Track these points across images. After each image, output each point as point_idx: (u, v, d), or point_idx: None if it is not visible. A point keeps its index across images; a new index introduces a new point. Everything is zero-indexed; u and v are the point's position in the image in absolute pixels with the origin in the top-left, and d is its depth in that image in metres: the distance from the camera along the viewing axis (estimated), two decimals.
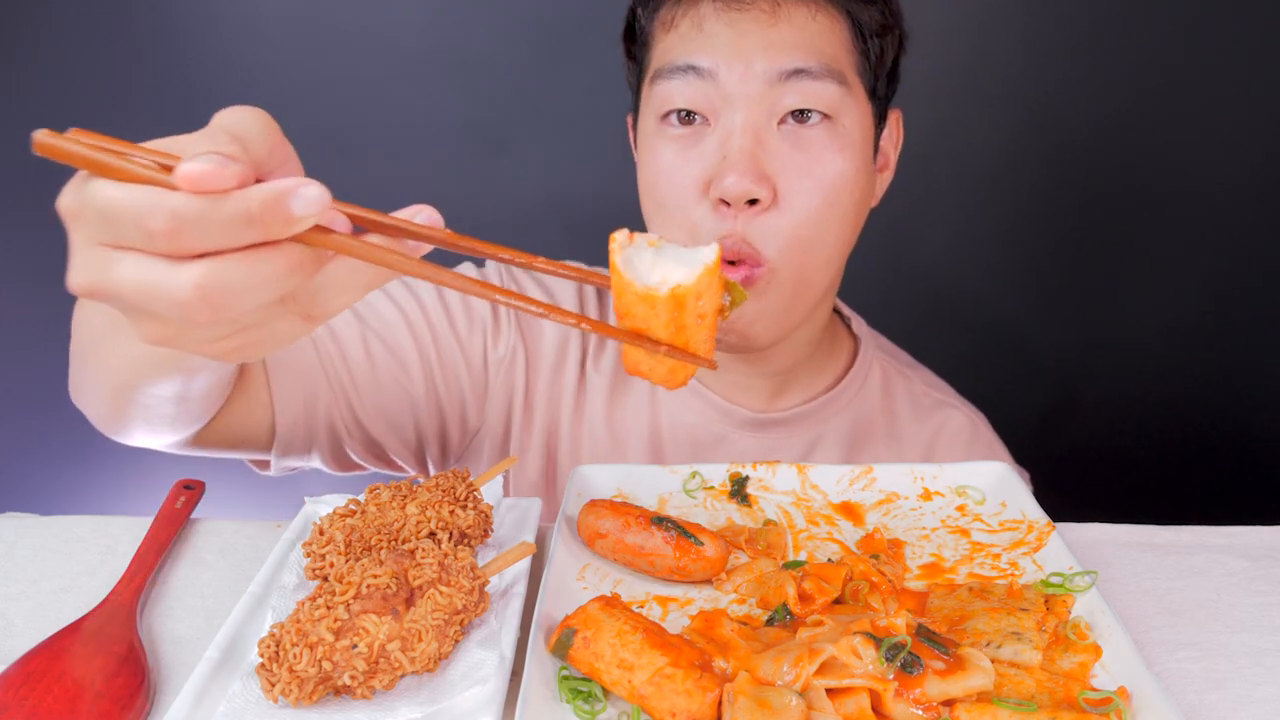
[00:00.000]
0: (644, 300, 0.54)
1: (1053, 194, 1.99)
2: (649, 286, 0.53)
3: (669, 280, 0.53)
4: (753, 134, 0.90)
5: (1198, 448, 2.16)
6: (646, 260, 0.54)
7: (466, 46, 1.86)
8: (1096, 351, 2.11)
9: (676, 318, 0.54)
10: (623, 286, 0.54)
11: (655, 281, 0.53)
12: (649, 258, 0.54)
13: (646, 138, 0.98)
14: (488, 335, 1.10)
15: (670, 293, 0.53)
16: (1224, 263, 2.02)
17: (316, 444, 1.01)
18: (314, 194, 0.46)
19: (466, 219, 1.48)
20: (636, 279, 0.54)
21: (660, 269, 0.54)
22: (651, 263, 0.54)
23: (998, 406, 1.41)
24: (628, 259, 0.54)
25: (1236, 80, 1.87)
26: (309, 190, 0.46)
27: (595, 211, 1.93)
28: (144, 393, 0.74)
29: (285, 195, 0.46)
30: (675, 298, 0.53)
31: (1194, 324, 2.07)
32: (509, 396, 1.11)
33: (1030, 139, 1.94)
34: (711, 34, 0.92)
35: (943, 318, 2.07)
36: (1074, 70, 1.88)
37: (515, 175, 1.93)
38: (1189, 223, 1.99)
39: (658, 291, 0.53)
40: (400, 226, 0.52)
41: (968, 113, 1.89)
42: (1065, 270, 2.06)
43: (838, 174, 0.93)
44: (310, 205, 0.46)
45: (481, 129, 1.91)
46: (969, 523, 0.83)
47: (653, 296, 0.53)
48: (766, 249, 0.92)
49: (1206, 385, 2.12)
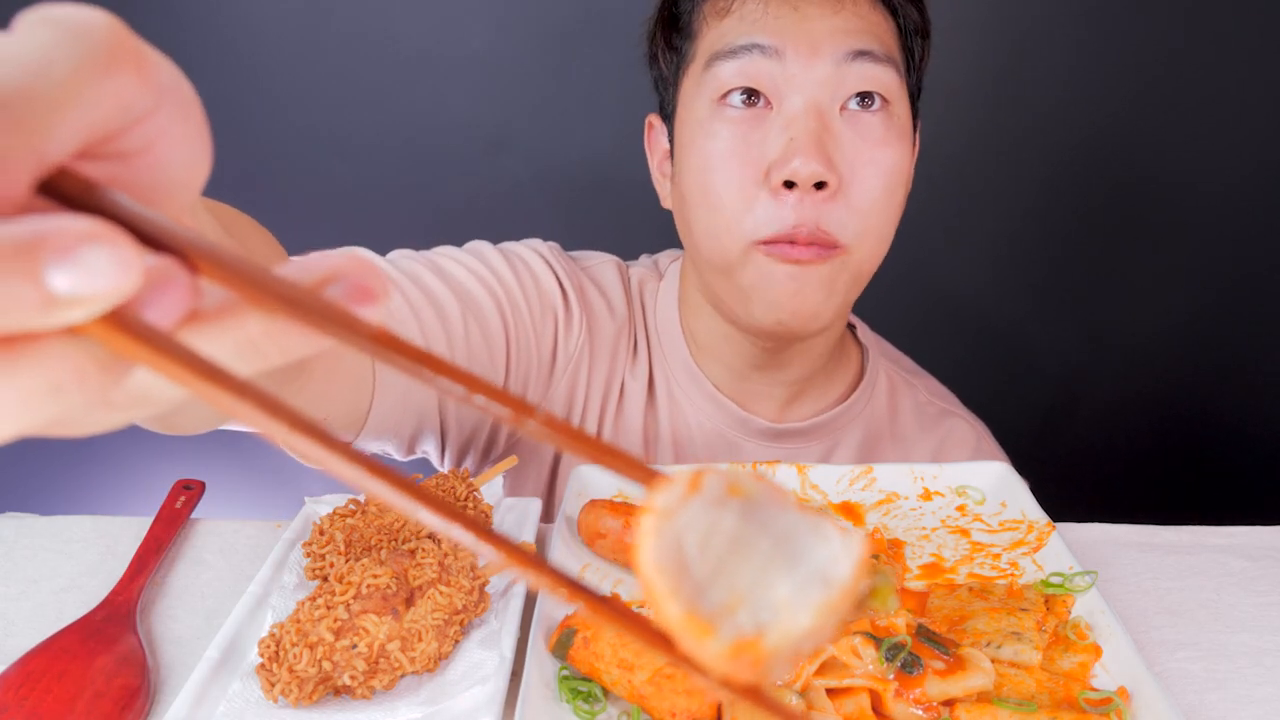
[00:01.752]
0: (728, 658, 0.26)
1: (1053, 195, 1.99)
2: (733, 641, 0.26)
3: (784, 622, 0.26)
4: (818, 116, 0.89)
5: (1198, 447, 2.16)
6: (716, 546, 0.27)
7: (466, 46, 1.86)
8: (1097, 352, 2.11)
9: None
10: (668, 612, 0.26)
11: (743, 621, 0.26)
12: (721, 541, 0.27)
13: (698, 124, 0.94)
14: (559, 324, 1.05)
15: (776, 649, 0.26)
16: (1224, 264, 2.02)
17: (399, 431, 0.96)
18: (99, 257, 0.24)
19: (467, 218, 1.48)
20: (699, 603, 0.26)
21: (743, 574, 0.27)
22: (725, 554, 0.27)
23: (998, 407, 1.41)
24: (670, 544, 0.26)
25: (1236, 80, 1.87)
26: (93, 250, 0.24)
27: (596, 212, 1.94)
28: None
29: (36, 250, 0.24)
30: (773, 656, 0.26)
31: (1194, 324, 2.07)
32: (570, 394, 1.07)
33: (1031, 140, 1.94)
34: (776, 15, 0.91)
35: (943, 319, 2.07)
36: (1074, 72, 1.88)
37: (515, 175, 1.93)
38: (1189, 223, 1.99)
39: (752, 646, 0.26)
40: (308, 303, 0.29)
41: (968, 114, 1.89)
42: (1065, 271, 2.06)
43: (896, 163, 0.92)
44: (88, 277, 0.24)
45: (481, 129, 1.91)
46: (969, 523, 0.83)
47: (739, 650, 0.26)
48: (840, 234, 0.90)
49: (1206, 385, 2.12)
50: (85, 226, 0.24)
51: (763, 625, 0.26)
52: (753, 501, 0.27)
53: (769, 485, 0.28)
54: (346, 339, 0.29)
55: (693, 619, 0.25)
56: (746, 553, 0.27)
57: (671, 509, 0.26)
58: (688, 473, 0.27)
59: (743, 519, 0.27)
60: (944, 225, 1.98)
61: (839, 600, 0.26)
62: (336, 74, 1.87)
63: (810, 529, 0.27)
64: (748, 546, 0.27)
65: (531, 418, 0.28)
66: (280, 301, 0.28)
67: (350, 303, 0.30)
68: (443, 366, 0.28)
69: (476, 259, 1.03)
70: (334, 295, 0.30)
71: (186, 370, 0.26)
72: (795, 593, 0.26)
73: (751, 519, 0.27)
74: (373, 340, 0.29)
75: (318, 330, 0.29)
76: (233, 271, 0.29)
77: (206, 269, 0.29)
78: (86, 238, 0.24)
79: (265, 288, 0.28)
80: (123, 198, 0.29)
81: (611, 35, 1.70)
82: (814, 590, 0.26)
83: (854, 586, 0.26)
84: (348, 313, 0.29)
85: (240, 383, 0.27)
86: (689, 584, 0.26)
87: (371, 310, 0.30)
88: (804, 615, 0.26)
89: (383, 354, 0.29)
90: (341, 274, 0.30)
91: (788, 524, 0.27)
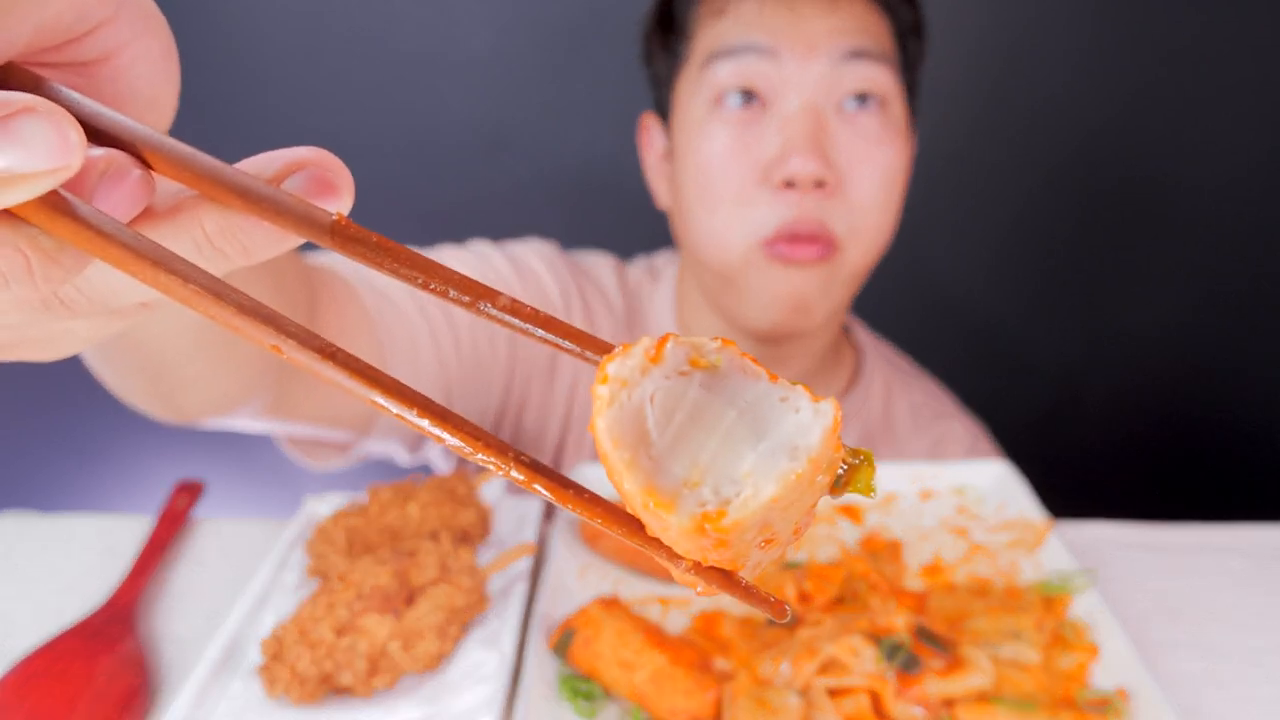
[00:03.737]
0: (691, 533, 0.25)
1: (1052, 194, 1.99)
2: (695, 514, 0.25)
3: (746, 494, 0.25)
4: (814, 116, 0.90)
5: (1197, 447, 2.16)
6: (677, 418, 0.26)
7: (467, 46, 1.86)
8: (1096, 351, 2.12)
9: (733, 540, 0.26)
10: (625, 487, 0.25)
11: (706, 494, 0.25)
12: (683, 412, 0.26)
13: (695, 123, 0.95)
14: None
15: (739, 521, 0.25)
16: (1224, 263, 2.02)
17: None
18: (38, 130, 0.23)
19: (467, 218, 1.48)
20: (659, 477, 0.25)
21: (706, 446, 0.25)
22: (687, 426, 0.25)
23: (997, 407, 1.41)
24: (629, 416, 0.25)
25: (1235, 80, 1.87)
26: (30, 123, 0.23)
27: (595, 212, 1.94)
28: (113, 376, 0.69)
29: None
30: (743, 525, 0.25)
31: (1194, 323, 2.07)
32: (571, 393, 1.07)
33: (1029, 140, 1.94)
34: (772, 15, 0.91)
35: (942, 318, 2.07)
36: (1074, 71, 1.88)
37: (515, 175, 1.93)
38: (1188, 222, 1.99)
39: (715, 519, 0.25)
40: (264, 196, 0.28)
41: (966, 113, 1.89)
42: (1065, 269, 2.06)
43: (894, 161, 0.93)
44: (26, 152, 0.23)
45: (481, 129, 1.91)
46: (968, 522, 0.83)
47: (701, 524, 0.25)
48: (837, 229, 0.91)
49: (1206, 384, 2.12)
50: (24, 99, 0.23)
51: (726, 498, 0.24)
52: (718, 372, 0.26)
53: (736, 354, 0.26)
54: (305, 231, 0.28)
55: (652, 492, 0.24)
56: (710, 424, 0.25)
57: (629, 378, 0.25)
58: (648, 340, 0.26)
59: (707, 390, 0.26)
60: (943, 224, 1.98)
61: (807, 471, 0.24)
62: (337, 74, 1.87)
63: (780, 400, 0.26)
64: (712, 417, 0.25)
65: (493, 303, 0.28)
66: (235, 195, 0.28)
67: (310, 195, 0.29)
68: (401, 255, 0.28)
69: (478, 258, 1.03)
70: (294, 188, 0.29)
71: (134, 257, 0.26)
72: (760, 464, 0.25)
73: (716, 390, 0.26)
74: (331, 232, 0.28)
75: (274, 223, 0.28)
76: (186, 166, 0.28)
77: (159, 164, 0.28)
78: (24, 111, 0.23)
79: (220, 182, 0.28)
80: (72, 92, 0.29)
81: (611, 35, 1.70)
82: (780, 461, 0.25)
83: (825, 459, 0.25)
84: (305, 204, 0.28)
85: (187, 266, 0.26)
86: (648, 457, 0.25)
87: (332, 203, 0.29)
88: (768, 486, 0.24)
89: (343, 245, 0.28)
90: (302, 165, 0.29)
91: (755, 394, 0.26)
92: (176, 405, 0.72)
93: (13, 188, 0.23)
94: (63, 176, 0.24)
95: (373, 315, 0.86)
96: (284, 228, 0.28)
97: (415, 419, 0.26)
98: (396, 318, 0.89)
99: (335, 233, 0.28)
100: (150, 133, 0.28)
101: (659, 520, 0.25)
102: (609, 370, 0.25)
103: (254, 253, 0.30)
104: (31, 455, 2.12)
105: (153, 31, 0.31)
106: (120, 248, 0.26)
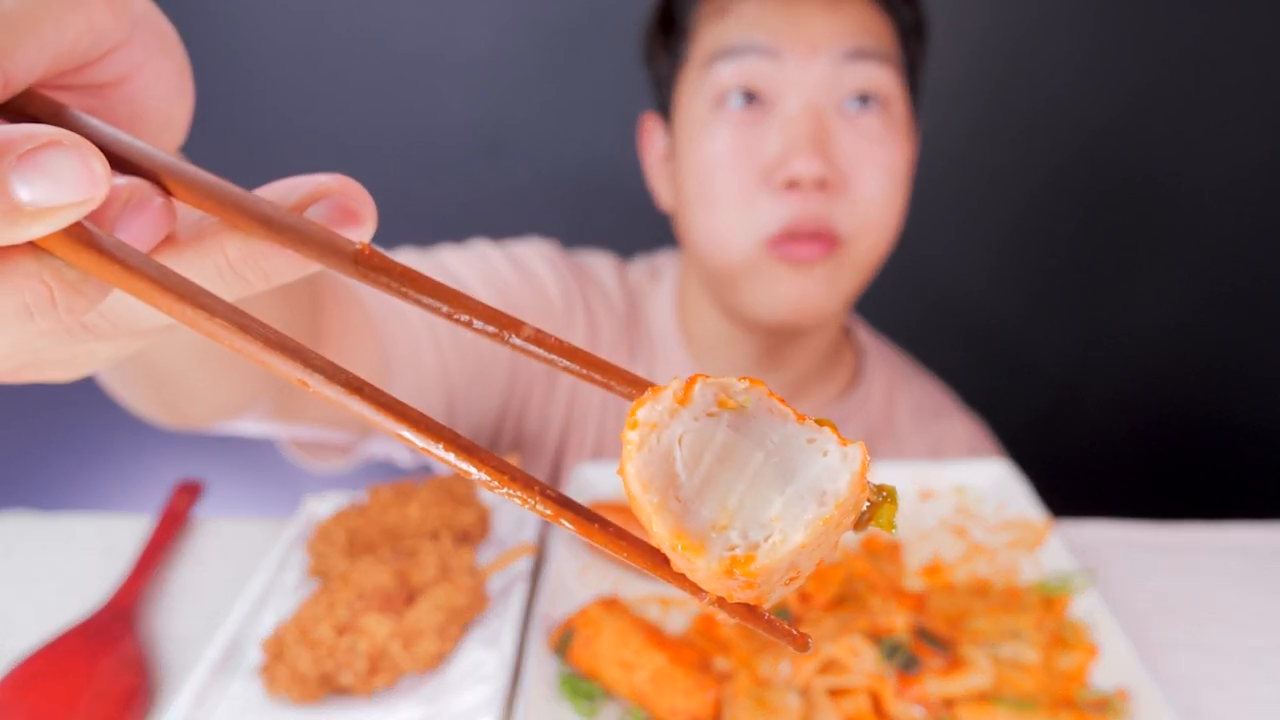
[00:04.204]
0: (719, 575, 0.25)
1: (1053, 195, 1.99)
2: (724, 558, 0.25)
3: (775, 540, 0.25)
4: (816, 116, 0.90)
5: (1197, 447, 2.16)
6: (706, 460, 0.25)
7: (467, 47, 1.86)
8: (1096, 351, 2.12)
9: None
10: (655, 530, 0.25)
11: (734, 538, 0.25)
12: (711, 454, 0.25)
13: (696, 124, 0.95)
14: (561, 324, 1.05)
15: (767, 566, 0.25)
16: (1224, 263, 2.02)
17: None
18: (65, 164, 0.23)
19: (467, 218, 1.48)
20: (687, 520, 0.25)
21: (734, 489, 0.25)
22: (716, 468, 0.25)
23: (997, 406, 1.41)
24: (658, 458, 0.25)
25: (1236, 80, 1.87)
26: (57, 157, 0.23)
27: (595, 212, 1.94)
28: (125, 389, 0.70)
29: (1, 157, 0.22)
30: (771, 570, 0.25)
31: (1194, 323, 2.07)
32: (572, 392, 1.06)
33: (1030, 140, 1.94)
34: (774, 16, 0.91)
35: (943, 317, 2.07)
36: (1076, 72, 1.88)
37: (515, 175, 1.93)
38: (1189, 223, 1.99)
39: (743, 564, 0.25)
40: (287, 225, 0.28)
41: (968, 114, 1.89)
42: (1066, 270, 2.06)
43: (896, 160, 0.93)
44: (53, 186, 0.23)
45: (481, 129, 1.91)
46: (968, 522, 0.83)
47: (730, 568, 0.25)
48: (841, 226, 0.91)
49: (1206, 384, 2.12)
50: (50, 133, 0.23)
51: (754, 543, 0.25)
52: (746, 413, 0.26)
53: (765, 395, 0.26)
54: (328, 260, 0.28)
55: (681, 536, 0.24)
56: (738, 467, 0.25)
57: (658, 421, 0.25)
58: (677, 383, 0.26)
59: (735, 431, 0.26)
60: (944, 225, 1.98)
61: (836, 517, 0.25)
62: (337, 75, 1.87)
63: (808, 441, 0.26)
64: (740, 460, 0.25)
65: (517, 334, 0.28)
66: (258, 223, 0.28)
67: (333, 224, 0.29)
68: (425, 285, 0.28)
69: (479, 258, 1.03)
70: (317, 216, 0.29)
71: (158, 289, 0.26)
72: (788, 509, 0.25)
73: (744, 431, 0.26)
74: (355, 260, 0.28)
75: (297, 251, 0.28)
76: (208, 193, 0.28)
77: (181, 192, 0.28)
78: (51, 144, 0.23)
79: (242, 209, 0.28)
80: (93, 120, 0.29)
81: (612, 35, 1.70)
82: (808, 506, 0.25)
83: (852, 502, 0.25)
84: (329, 233, 0.28)
85: (211, 299, 0.26)
86: (676, 499, 0.25)
87: (355, 231, 0.29)
88: (797, 532, 0.25)
89: (366, 274, 0.28)
90: (325, 193, 0.29)
91: (783, 436, 0.26)
92: (182, 413, 0.72)
93: (39, 221, 0.23)
94: (88, 208, 0.24)
95: (375, 319, 0.86)
96: (307, 256, 0.28)
97: (442, 453, 0.26)
98: (399, 322, 0.89)
99: (359, 261, 0.28)
100: (171, 160, 0.28)
101: (688, 562, 0.25)
102: (639, 416, 0.25)
103: (275, 278, 0.30)
104: (31, 455, 2.13)
105: (166, 52, 0.31)
106: (145, 280, 0.26)
